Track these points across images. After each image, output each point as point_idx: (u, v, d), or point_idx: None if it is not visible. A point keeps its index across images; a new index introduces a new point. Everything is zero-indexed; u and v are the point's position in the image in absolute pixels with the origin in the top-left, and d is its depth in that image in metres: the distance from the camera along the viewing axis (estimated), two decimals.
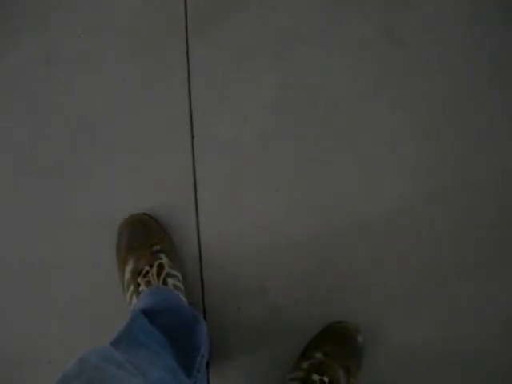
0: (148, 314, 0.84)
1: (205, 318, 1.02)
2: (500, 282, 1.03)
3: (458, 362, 1.00)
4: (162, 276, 0.93)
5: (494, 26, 1.14)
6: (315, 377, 0.89)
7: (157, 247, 0.99)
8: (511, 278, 1.04)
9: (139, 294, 0.92)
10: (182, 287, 0.97)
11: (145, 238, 1.00)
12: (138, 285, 0.93)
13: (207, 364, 0.95)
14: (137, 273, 0.94)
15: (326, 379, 0.89)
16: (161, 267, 0.94)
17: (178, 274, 0.98)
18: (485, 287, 1.03)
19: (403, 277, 1.04)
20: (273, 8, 1.16)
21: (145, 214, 1.05)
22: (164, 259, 0.96)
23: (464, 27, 1.14)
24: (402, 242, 1.06)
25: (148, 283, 0.92)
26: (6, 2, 1.19)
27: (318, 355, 0.94)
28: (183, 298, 0.95)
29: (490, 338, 1.01)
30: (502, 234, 1.06)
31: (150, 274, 0.93)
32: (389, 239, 1.06)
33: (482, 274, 1.04)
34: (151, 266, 0.94)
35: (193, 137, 1.11)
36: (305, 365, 0.93)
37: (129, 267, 0.96)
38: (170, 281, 0.94)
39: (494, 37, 1.13)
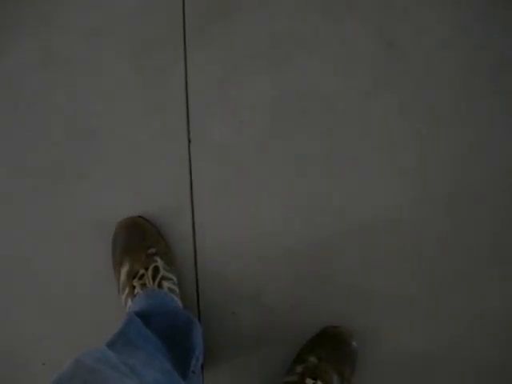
0: (143, 316, 0.84)
1: (200, 321, 1.02)
2: (498, 283, 1.04)
3: (455, 364, 1.01)
4: (158, 279, 0.93)
5: (493, 26, 1.14)
6: (309, 381, 0.90)
7: (152, 250, 0.99)
8: (508, 278, 1.05)
9: (134, 296, 0.92)
10: (177, 290, 0.97)
11: (140, 240, 1.00)
12: (133, 287, 0.93)
13: (202, 366, 0.95)
14: (132, 275, 0.95)
15: (319, 383, 0.90)
16: (156, 270, 0.95)
17: (174, 277, 0.98)
18: (483, 288, 1.04)
19: (400, 280, 1.05)
20: (270, 11, 1.16)
21: (140, 216, 1.05)
22: (159, 262, 0.96)
23: (463, 28, 1.14)
24: (399, 244, 1.06)
25: (143, 286, 0.92)
26: (5, 2, 1.18)
27: (312, 359, 0.94)
28: (178, 301, 0.95)
29: (489, 338, 1.02)
30: (500, 235, 1.06)
31: (145, 277, 0.93)
32: (386, 242, 1.06)
33: (479, 275, 1.05)
34: (146, 269, 0.94)
35: (189, 140, 1.11)
36: (299, 369, 0.93)
37: (124, 269, 0.97)
38: (166, 284, 0.94)
39: (493, 37, 1.14)
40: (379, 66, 1.13)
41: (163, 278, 0.94)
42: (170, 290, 0.94)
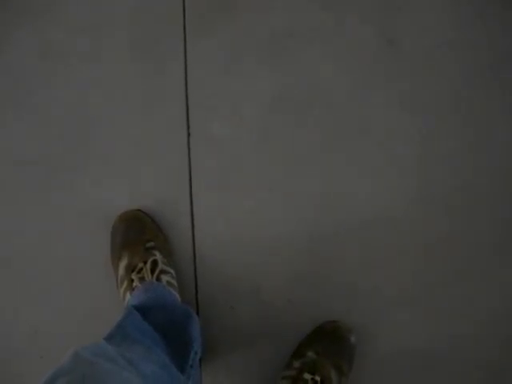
0: (141, 310, 0.84)
1: (198, 316, 1.01)
2: (498, 283, 1.04)
3: (455, 364, 1.01)
4: (156, 272, 0.93)
5: (493, 26, 1.14)
6: (307, 376, 0.90)
7: (151, 244, 0.99)
8: (508, 278, 1.05)
9: (133, 289, 0.92)
10: (175, 284, 0.97)
11: (139, 234, 1.00)
12: (132, 281, 0.93)
13: (200, 360, 0.95)
14: (131, 269, 0.95)
15: (317, 378, 0.89)
16: (155, 264, 0.95)
17: (172, 271, 0.98)
18: (483, 288, 1.04)
19: (398, 277, 1.04)
20: (270, 9, 1.16)
21: (139, 210, 1.05)
22: (158, 256, 0.96)
23: (463, 27, 1.14)
24: (400, 244, 1.06)
25: (142, 279, 0.92)
26: None
27: (310, 354, 0.94)
28: (177, 295, 0.95)
29: (489, 338, 1.02)
30: (500, 235, 1.06)
31: (143, 271, 0.93)
32: (384, 239, 1.06)
33: (479, 275, 1.04)
34: (145, 263, 0.94)
35: (189, 134, 1.11)
36: (297, 364, 0.93)
37: (123, 263, 0.97)
38: (164, 277, 0.94)
39: (493, 37, 1.14)
40: (379, 64, 1.13)
41: (162, 271, 0.94)
42: (169, 283, 0.94)
